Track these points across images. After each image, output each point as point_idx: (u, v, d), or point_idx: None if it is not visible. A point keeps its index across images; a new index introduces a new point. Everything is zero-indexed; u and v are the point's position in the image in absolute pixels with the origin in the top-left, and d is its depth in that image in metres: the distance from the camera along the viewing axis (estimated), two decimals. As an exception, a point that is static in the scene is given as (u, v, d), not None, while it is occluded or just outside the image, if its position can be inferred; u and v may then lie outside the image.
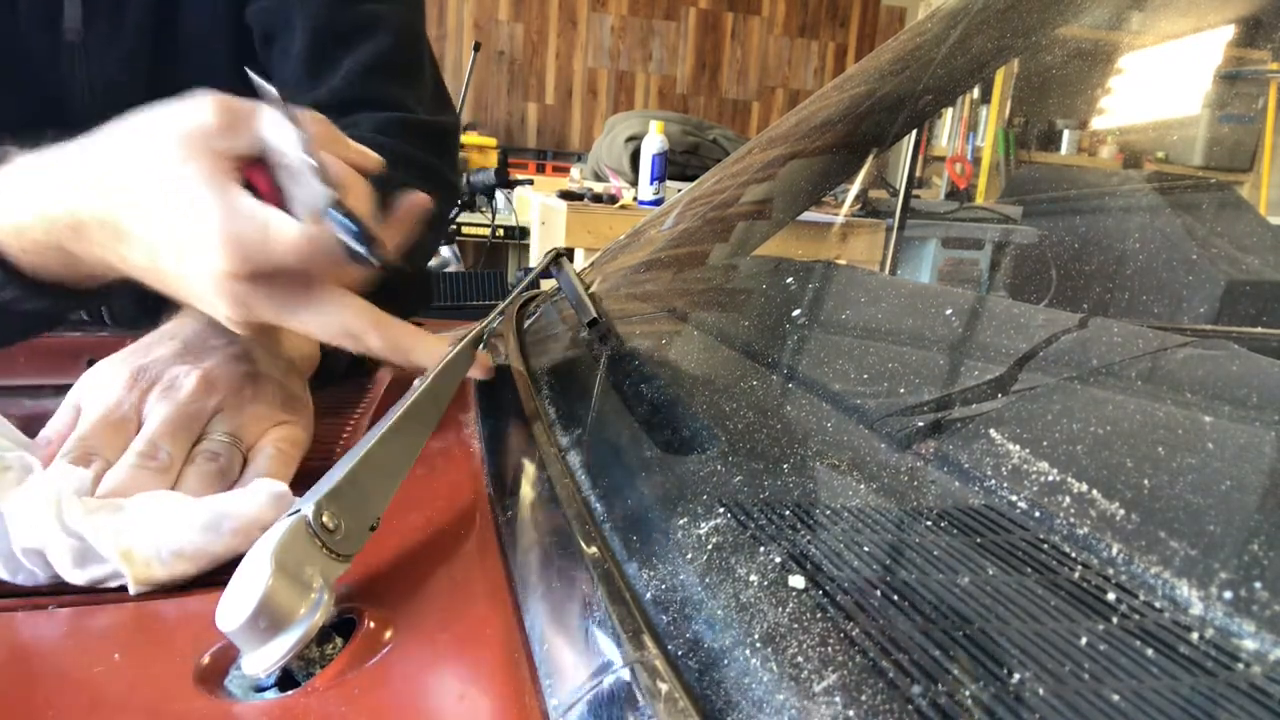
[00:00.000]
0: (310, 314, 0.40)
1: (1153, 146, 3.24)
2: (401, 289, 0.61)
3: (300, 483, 0.40)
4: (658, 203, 2.19)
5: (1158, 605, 0.21)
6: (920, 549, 0.25)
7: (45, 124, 0.71)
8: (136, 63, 0.71)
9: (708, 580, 0.25)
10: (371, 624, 0.29)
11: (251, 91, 0.74)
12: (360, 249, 0.36)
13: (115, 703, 0.26)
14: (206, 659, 0.28)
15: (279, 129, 0.37)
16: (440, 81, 0.79)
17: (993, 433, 0.30)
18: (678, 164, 2.53)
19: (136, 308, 0.81)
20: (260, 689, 0.27)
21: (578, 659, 0.24)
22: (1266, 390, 0.32)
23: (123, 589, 0.32)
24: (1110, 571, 0.23)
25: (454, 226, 3.05)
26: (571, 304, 0.59)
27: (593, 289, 0.63)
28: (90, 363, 0.49)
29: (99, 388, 0.41)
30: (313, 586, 0.27)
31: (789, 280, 0.58)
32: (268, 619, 0.26)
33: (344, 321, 0.41)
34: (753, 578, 0.24)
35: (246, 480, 0.39)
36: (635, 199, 2.27)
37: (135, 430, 0.39)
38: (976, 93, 3.75)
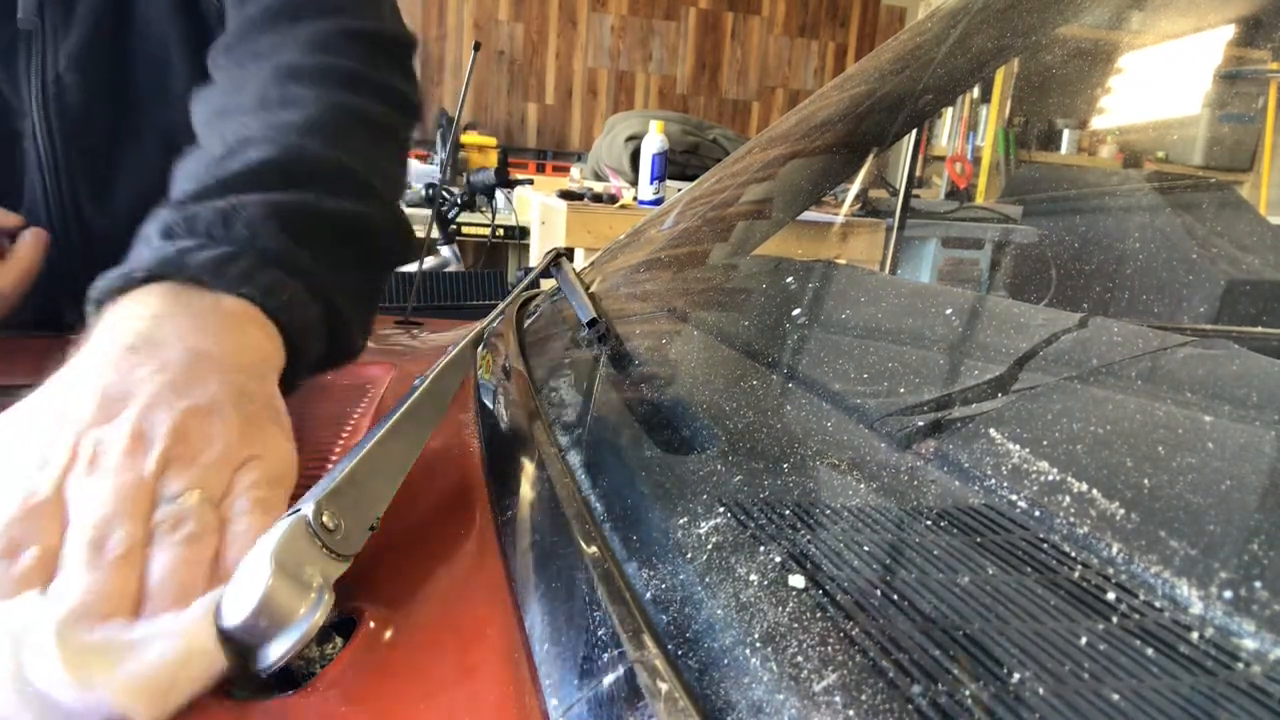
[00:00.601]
0: None
1: (1153, 146, 3.24)
2: (375, 230, 0.51)
3: (301, 486, 0.39)
4: (658, 203, 2.19)
5: (1158, 605, 0.21)
6: (920, 549, 0.25)
7: None
8: (86, 54, 0.69)
9: (708, 580, 0.25)
10: (371, 624, 0.29)
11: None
12: None
13: (115, 703, 0.26)
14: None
15: None
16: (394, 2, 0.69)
17: (993, 433, 0.30)
18: (678, 164, 2.53)
19: None
20: (260, 689, 0.27)
21: (578, 659, 0.24)
22: (1266, 390, 0.32)
23: None
24: (1110, 571, 0.23)
25: (454, 226, 3.05)
26: (571, 304, 0.59)
27: (592, 289, 0.63)
28: None
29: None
30: (313, 586, 0.27)
31: (789, 280, 0.58)
32: (268, 619, 0.26)
33: None
34: (753, 577, 0.24)
35: (231, 548, 0.31)
36: (635, 199, 2.27)
37: (64, 521, 0.29)
38: (976, 93, 3.76)
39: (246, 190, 0.44)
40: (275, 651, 0.26)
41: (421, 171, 3.36)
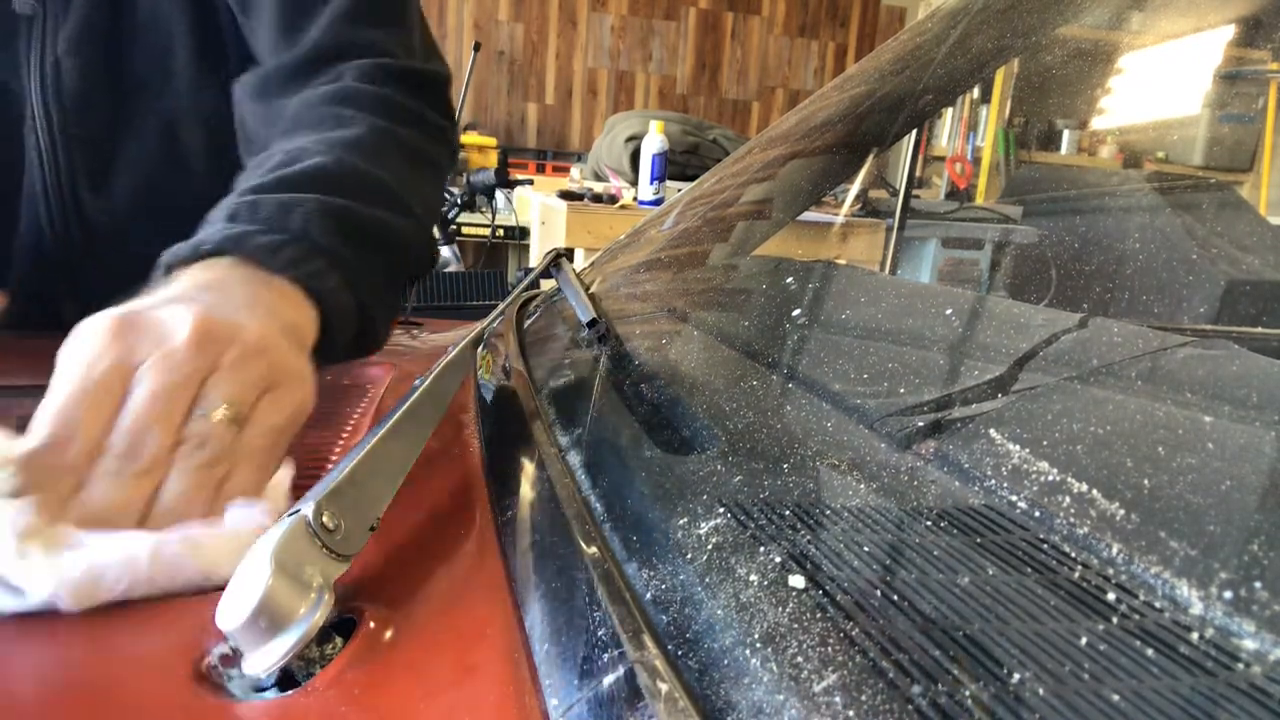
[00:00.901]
0: None
1: (1153, 146, 3.24)
2: (406, 243, 0.57)
3: (301, 486, 0.40)
4: (658, 203, 2.19)
5: (1158, 605, 0.21)
6: (920, 549, 0.25)
7: None
8: (83, 38, 0.69)
9: (708, 580, 0.25)
10: (371, 624, 0.29)
11: (213, 73, 0.74)
12: None
13: (115, 703, 0.26)
14: (206, 659, 0.28)
15: None
16: (428, 31, 0.75)
17: (993, 433, 0.30)
18: (678, 164, 2.53)
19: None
20: (260, 689, 0.27)
21: (578, 659, 0.24)
22: (1266, 390, 0.32)
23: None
24: (1110, 571, 0.23)
25: (454, 226, 3.05)
26: (571, 304, 0.59)
27: (592, 289, 0.63)
28: None
29: (78, 342, 0.36)
30: (313, 586, 0.27)
31: (789, 280, 0.58)
32: (268, 619, 0.26)
33: None
34: (753, 578, 0.24)
35: (229, 485, 0.36)
36: (635, 199, 2.27)
37: (120, 398, 0.35)
38: (976, 93, 3.75)
39: (302, 190, 0.50)
40: (275, 651, 0.26)
41: (421, 172, 3.35)
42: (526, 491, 0.37)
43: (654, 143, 2.18)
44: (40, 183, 0.72)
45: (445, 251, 2.99)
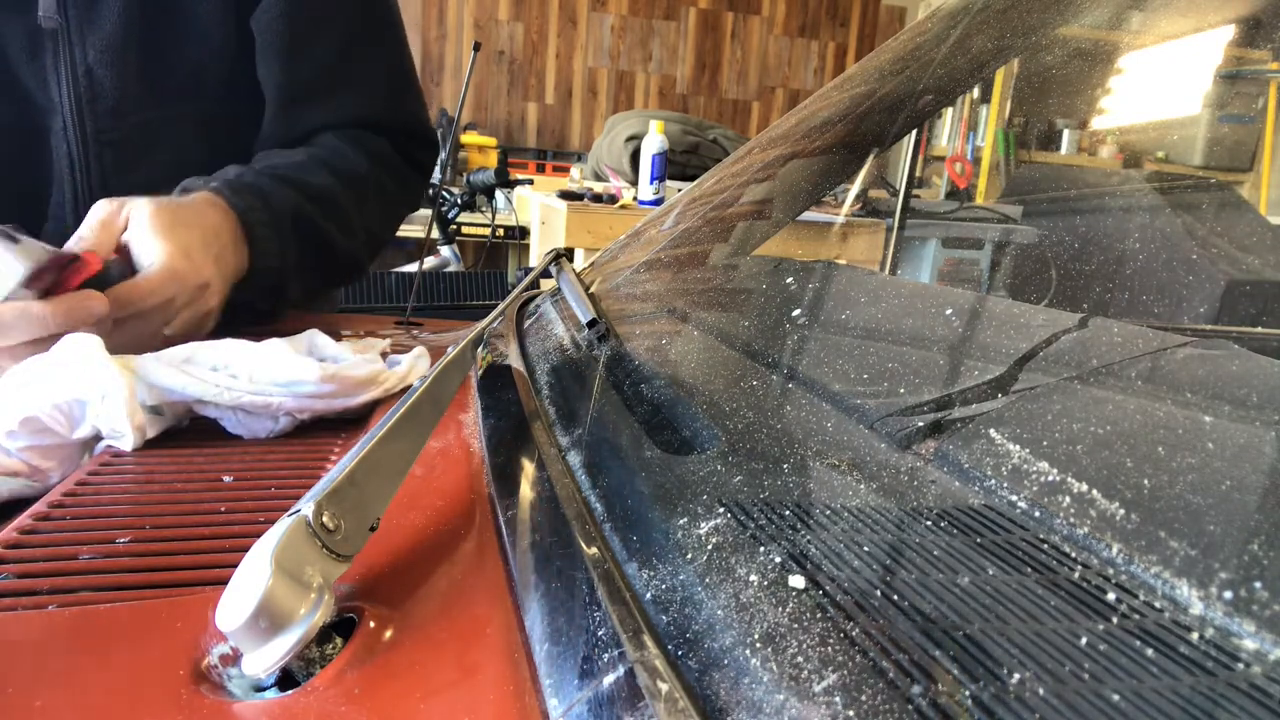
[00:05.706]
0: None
1: (1153, 146, 3.24)
2: (340, 254, 0.75)
3: (300, 484, 0.40)
4: (658, 203, 2.19)
5: (1158, 605, 0.21)
6: (920, 549, 0.25)
7: (21, 121, 0.71)
8: (123, 47, 0.69)
9: (708, 580, 0.25)
10: (371, 624, 0.29)
11: (245, 73, 0.79)
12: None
13: (115, 703, 0.26)
14: (206, 659, 0.28)
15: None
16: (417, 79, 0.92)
17: (993, 433, 0.30)
18: (678, 164, 2.53)
19: None
20: (260, 689, 0.27)
21: (578, 659, 0.24)
22: (1266, 390, 0.32)
23: (123, 588, 0.32)
24: (1110, 571, 0.23)
25: (454, 226, 3.05)
26: (571, 304, 0.59)
27: (592, 289, 0.63)
28: None
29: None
30: (313, 586, 0.27)
31: (789, 280, 0.58)
32: (268, 619, 0.26)
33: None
34: (753, 578, 0.24)
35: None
36: (635, 199, 2.27)
37: None
38: (976, 93, 3.75)
39: (277, 183, 0.69)
40: (275, 651, 0.26)
41: (421, 172, 3.35)
42: (526, 491, 0.37)
43: (654, 143, 2.18)
44: (70, 189, 0.72)
45: (445, 251, 2.99)
